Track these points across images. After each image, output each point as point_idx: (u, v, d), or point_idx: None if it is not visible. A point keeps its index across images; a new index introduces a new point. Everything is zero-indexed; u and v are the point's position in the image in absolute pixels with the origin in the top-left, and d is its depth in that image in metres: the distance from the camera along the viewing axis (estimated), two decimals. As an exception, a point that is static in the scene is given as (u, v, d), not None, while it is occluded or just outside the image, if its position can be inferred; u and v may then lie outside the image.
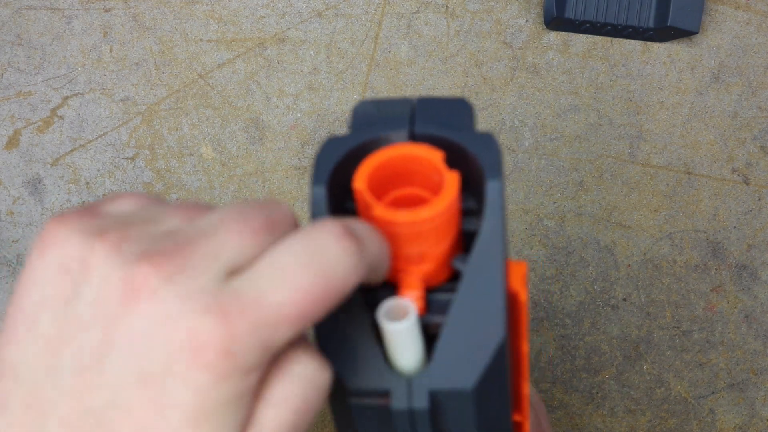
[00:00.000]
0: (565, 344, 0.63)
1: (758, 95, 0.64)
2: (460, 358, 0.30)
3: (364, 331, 0.30)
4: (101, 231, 0.26)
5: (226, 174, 0.64)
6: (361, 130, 0.32)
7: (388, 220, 0.29)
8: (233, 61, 0.64)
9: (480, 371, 0.30)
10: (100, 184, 0.64)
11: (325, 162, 0.31)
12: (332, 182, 0.31)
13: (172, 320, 0.24)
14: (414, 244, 0.30)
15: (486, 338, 0.30)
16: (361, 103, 0.33)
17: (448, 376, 0.30)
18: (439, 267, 0.31)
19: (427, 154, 0.30)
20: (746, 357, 0.63)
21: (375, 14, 0.64)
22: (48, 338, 0.25)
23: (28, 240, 0.63)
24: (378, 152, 0.31)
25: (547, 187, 0.63)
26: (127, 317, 0.24)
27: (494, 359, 0.30)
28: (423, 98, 0.33)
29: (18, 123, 0.64)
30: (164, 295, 0.24)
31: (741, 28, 0.64)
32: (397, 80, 0.64)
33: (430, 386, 0.30)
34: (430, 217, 0.29)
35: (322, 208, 0.31)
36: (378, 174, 0.30)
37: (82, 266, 0.25)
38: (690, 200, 0.64)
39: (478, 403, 0.30)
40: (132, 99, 0.64)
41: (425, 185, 0.31)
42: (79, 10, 0.64)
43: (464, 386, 0.30)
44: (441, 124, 0.31)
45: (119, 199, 0.28)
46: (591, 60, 0.64)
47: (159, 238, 0.25)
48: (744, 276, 0.63)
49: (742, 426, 0.63)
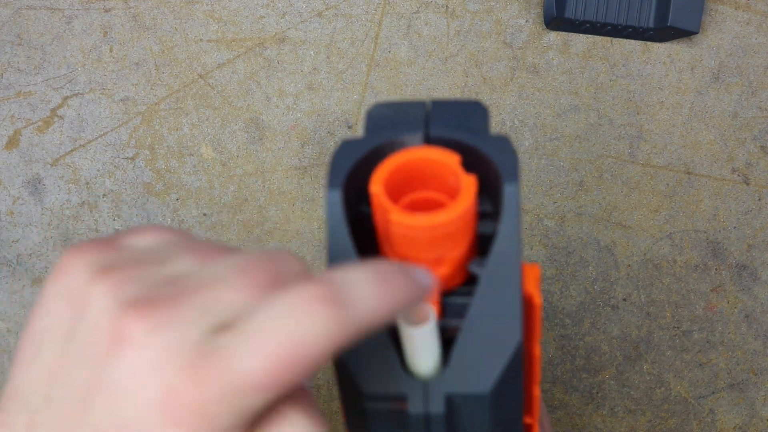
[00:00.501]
0: (565, 344, 0.63)
1: (758, 95, 0.64)
2: (476, 363, 0.30)
3: (380, 335, 0.30)
4: (108, 268, 0.26)
5: (226, 174, 0.64)
6: (375, 133, 0.32)
7: (405, 224, 0.29)
8: (233, 61, 0.64)
9: (497, 375, 0.29)
10: (100, 184, 0.64)
11: (341, 165, 0.31)
12: (347, 186, 0.31)
13: (151, 373, 0.24)
14: (431, 247, 0.30)
15: (503, 342, 0.29)
16: (375, 105, 0.33)
17: (465, 380, 0.30)
18: (455, 271, 0.31)
19: (444, 157, 0.30)
20: (746, 357, 0.63)
21: (375, 14, 0.64)
22: (48, 367, 0.26)
23: (28, 240, 0.63)
24: (394, 155, 0.30)
25: (547, 187, 0.63)
26: (111, 362, 0.24)
27: (511, 363, 0.30)
28: (437, 101, 0.32)
29: (18, 123, 0.64)
30: (146, 346, 0.24)
31: (741, 28, 0.64)
32: (397, 80, 0.64)
33: (447, 390, 0.30)
34: (448, 221, 0.29)
35: (338, 212, 0.30)
36: (394, 177, 0.30)
37: (82, 301, 0.26)
38: (690, 200, 0.64)
39: (493, 407, 0.30)
40: (132, 99, 0.64)
41: (441, 188, 0.31)
42: (79, 10, 0.64)
43: (481, 391, 0.30)
44: (456, 127, 0.31)
45: (143, 232, 0.28)
46: (591, 60, 0.64)
47: (159, 283, 0.25)
48: (744, 276, 0.63)
49: (742, 426, 0.63)
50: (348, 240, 0.30)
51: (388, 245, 0.31)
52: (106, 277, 0.25)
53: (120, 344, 0.24)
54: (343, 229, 0.30)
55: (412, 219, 0.29)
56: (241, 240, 0.63)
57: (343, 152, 0.31)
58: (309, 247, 0.63)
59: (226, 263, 0.26)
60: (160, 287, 0.25)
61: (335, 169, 0.31)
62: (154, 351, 0.24)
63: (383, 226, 0.30)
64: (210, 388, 0.24)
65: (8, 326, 0.64)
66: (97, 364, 0.25)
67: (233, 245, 0.64)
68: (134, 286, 0.25)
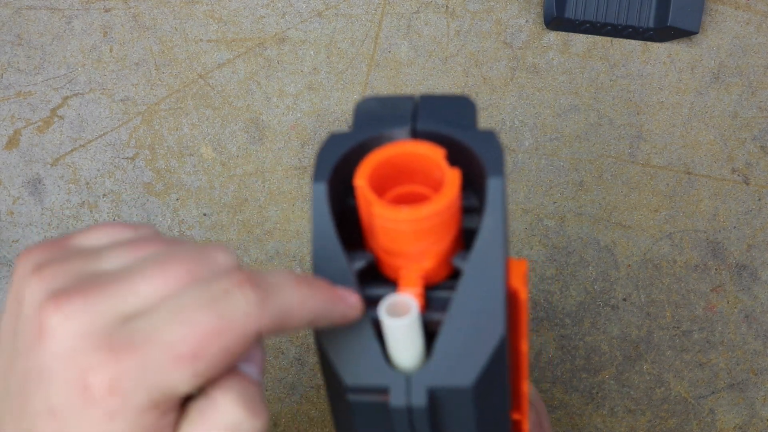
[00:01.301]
0: (565, 344, 0.63)
1: (758, 95, 0.64)
2: (459, 356, 0.30)
3: (363, 327, 0.30)
4: (42, 264, 0.27)
5: (226, 174, 0.64)
6: (363, 127, 0.32)
7: (389, 217, 0.29)
8: (233, 61, 0.64)
9: (479, 369, 0.29)
10: (100, 184, 0.64)
11: (327, 159, 0.31)
12: (334, 179, 0.31)
13: (68, 358, 0.25)
14: (414, 241, 0.30)
15: (486, 336, 0.30)
16: (364, 99, 0.33)
17: (448, 373, 0.30)
18: (439, 264, 0.31)
19: (429, 151, 0.30)
20: (746, 357, 0.63)
21: (375, 14, 0.64)
22: (4, 360, 0.28)
23: (28, 240, 0.63)
24: (380, 149, 0.30)
25: (547, 187, 0.63)
26: (38, 351, 0.26)
27: (494, 357, 0.30)
28: (426, 95, 0.32)
29: (18, 123, 0.64)
30: (63, 333, 0.25)
31: (741, 28, 0.64)
32: (397, 80, 0.64)
33: (429, 383, 0.30)
34: (432, 214, 0.29)
35: (324, 205, 0.30)
36: (379, 171, 0.30)
37: (20, 297, 0.27)
38: (690, 200, 0.64)
39: (477, 401, 0.30)
40: (132, 99, 0.64)
41: (426, 182, 0.31)
42: (79, 10, 0.64)
43: (463, 384, 0.30)
44: (443, 122, 0.31)
45: (95, 230, 0.30)
46: (591, 60, 0.64)
47: (83, 276, 0.27)
48: (744, 276, 0.63)
49: (742, 426, 0.63)
50: (333, 233, 0.30)
51: (373, 238, 0.31)
52: (37, 273, 0.27)
53: (42, 334, 0.26)
54: (328, 222, 0.30)
55: (394, 212, 0.29)
56: (241, 240, 0.63)
57: (330, 146, 0.31)
58: (309, 246, 0.63)
59: (151, 257, 0.27)
60: (82, 280, 0.26)
61: (321, 162, 0.31)
62: (71, 337, 0.25)
63: (368, 220, 0.30)
64: (126, 363, 0.25)
65: (8, 326, 0.64)
66: (29, 354, 0.26)
67: (198, 241, 0.64)
68: (59, 281, 0.27)
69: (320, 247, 0.31)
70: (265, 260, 0.63)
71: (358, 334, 0.30)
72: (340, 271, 0.30)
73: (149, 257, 0.27)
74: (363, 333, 0.30)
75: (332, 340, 0.30)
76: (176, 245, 0.28)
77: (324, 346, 0.30)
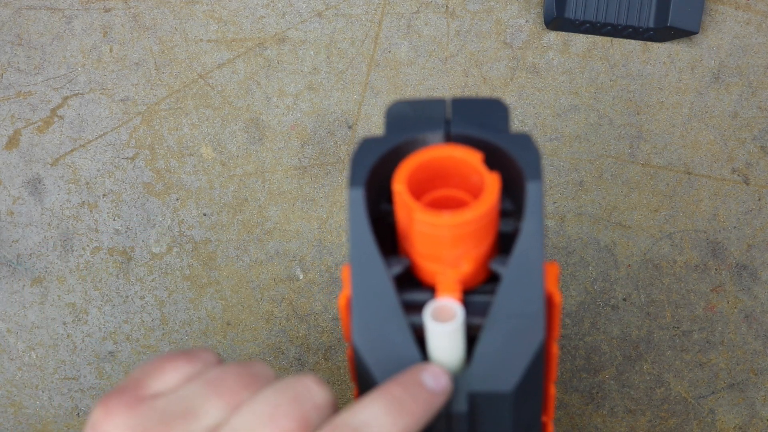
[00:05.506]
0: (565, 344, 0.63)
1: (758, 95, 0.64)
2: (500, 361, 0.29)
3: (403, 333, 0.30)
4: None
5: (226, 174, 0.64)
6: (396, 131, 0.31)
7: (430, 223, 0.29)
8: (233, 61, 0.64)
9: (520, 373, 0.29)
10: (100, 184, 0.64)
11: (362, 163, 0.31)
12: (368, 184, 0.31)
13: None
14: (453, 246, 0.29)
15: (526, 340, 0.29)
16: (395, 103, 0.32)
17: (488, 378, 0.29)
18: (477, 269, 0.31)
19: (467, 155, 0.30)
20: (746, 357, 0.63)
21: (375, 14, 0.64)
22: None
23: (28, 240, 0.63)
24: (417, 153, 0.30)
25: (547, 187, 0.63)
26: None
27: (534, 362, 0.30)
28: (457, 98, 0.32)
29: (18, 123, 0.64)
30: None
31: (741, 28, 0.64)
32: (397, 80, 0.64)
33: (470, 389, 0.30)
34: (473, 219, 0.29)
35: (361, 210, 0.30)
36: (417, 175, 0.30)
37: None
38: (690, 200, 0.64)
39: (516, 405, 0.30)
40: (132, 99, 0.64)
41: (463, 186, 0.31)
42: (79, 10, 0.64)
43: (504, 389, 0.29)
44: (477, 125, 0.31)
45: (162, 372, 0.30)
46: (591, 60, 0.64)
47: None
48: (744, 276, 0.63)
49: (742, 426, 0.63)
50: (371, 239, 0.30)
51: (409, 243, 0.31)
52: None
53: None
54: (365, 227, 0.30)
55: (436, 217, 0.29)
56: (241, 240, 0.63)
57: (364, 150, 0.31)
58: (309, 247, 0.63)
59: (248, 410, 0.28)
60: None
61: (357, 167, 0.31)
62: None
63: (405, 224, 0.30)
64: None
65: (8, 326, 0.64)
66: None
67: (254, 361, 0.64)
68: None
69: (358, 254, 0.30)
70: (265, 260, 0.63)
71: (396, 339, 0.30)
72: (379, 277, 0.30)
73: (245, 404, 0.27)
74: (402, 338, 0.30)
75: (368, 344, 0.30)
76: (258, 381, 0.29)
77: (359, 350, 0.30)
